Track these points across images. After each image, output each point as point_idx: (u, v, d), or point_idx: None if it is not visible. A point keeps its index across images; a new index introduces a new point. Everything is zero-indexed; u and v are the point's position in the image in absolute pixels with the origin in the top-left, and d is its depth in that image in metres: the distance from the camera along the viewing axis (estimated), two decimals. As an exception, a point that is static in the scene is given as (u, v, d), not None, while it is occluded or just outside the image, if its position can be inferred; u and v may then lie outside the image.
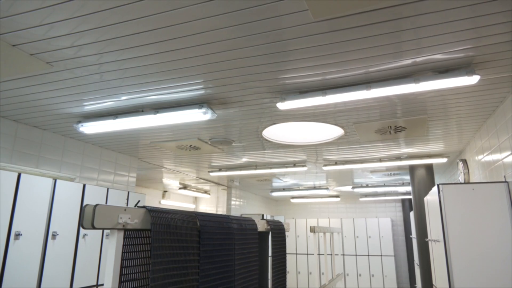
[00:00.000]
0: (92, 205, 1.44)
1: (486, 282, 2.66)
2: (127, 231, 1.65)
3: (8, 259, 2.63)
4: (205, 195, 8.49)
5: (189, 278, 1.92)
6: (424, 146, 4.28)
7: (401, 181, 7.08)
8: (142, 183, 7.35)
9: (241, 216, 2.76)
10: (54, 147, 3.69)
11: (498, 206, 2.74)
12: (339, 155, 4.78)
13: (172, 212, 1.90)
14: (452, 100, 2.80)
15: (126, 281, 1.63)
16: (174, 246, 1.83)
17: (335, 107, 2.96)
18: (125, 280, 1.62)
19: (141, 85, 2.54)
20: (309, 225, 9.94)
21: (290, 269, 9.89)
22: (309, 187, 8.03)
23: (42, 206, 2.95)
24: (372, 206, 10.00)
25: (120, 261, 1.56)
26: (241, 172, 5.75)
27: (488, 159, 3.30)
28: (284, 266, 3.49)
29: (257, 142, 4.11)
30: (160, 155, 4.79)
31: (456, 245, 2.79)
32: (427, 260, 4.53)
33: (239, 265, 2.52)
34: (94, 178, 4.18)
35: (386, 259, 8.92)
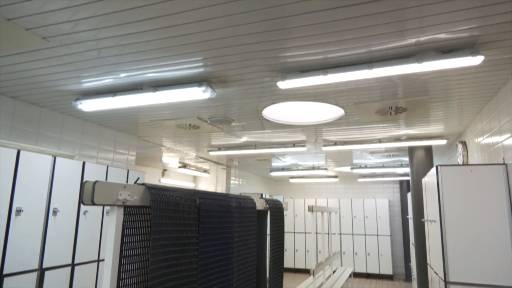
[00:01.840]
0: (91, 181, 1.44)
1: (480, 262, 2.71)
2: (126, 207, 1.67)
3: (10, 234, 2.67)
4: (204, 174, 8.54)
5: (189, 254, 1.95)
6: (424, 127, 4.27)
7: (400, 163, 7.11)
8: (141, 162, 7.37)
9: (240, 195, 2.78)
10: (53, 124, 3.68)
11: (496, 188, 2.75)
12: (339, 136, 4.78)
13: (171, 189, 1.91)
14: (455, 81, 2.77)
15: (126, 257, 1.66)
16: (174, 223, 1.85)
17: (336, 87, 2.93)
18: (125, 255, 1.65)
19: (139, 62, 2.51)
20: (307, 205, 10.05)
21: (287, 247, 10.07)
22: (308, 168, 8.07)
23: (42, 183, 2.96)
24: (370, 187, 10.09)
25: (120, 237, 1.58)
26: (240, 152, 5.76)
27: (488, 141, 3.30)
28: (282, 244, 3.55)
29: (257, 121, 4.09)
30: (159, 133, 4.78)
31: (452, 225, 2.83)
32: (422, 240, 4.61)
33: (238, 242, 2.56)
34: (93, 156, 4.18)
35: (382, 239, 9.08)
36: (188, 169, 7.82)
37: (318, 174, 9.18)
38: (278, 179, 10.90)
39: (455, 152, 5.04)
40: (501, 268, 2.64)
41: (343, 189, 10.40)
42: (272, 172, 8.56)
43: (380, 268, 8.94)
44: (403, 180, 9.42)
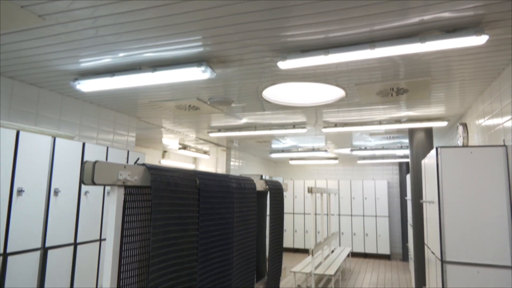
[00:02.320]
0: (91, 161, 1.44)
1: (477, 242, 2.75)
2: (127, 187, 1.67)
3: (13, 214, 2.69)
4: (204, 155, 8.56)
5: (189, 234, 1.97)
6: (425, 109, 4.25)
7: (400, 144, 7.12)
8: (141, 143, 7.38)
9: (240, 176, 2.79)
10: (52, 105, 3.65)
11: (495, 170, 2.76)
12: (339, 117, 4.76)
13: (171, 170, 1.91)
14: (457, 62, 2.74)
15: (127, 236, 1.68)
16: (174, 203, 1.86)
17: (337, 67, 2.90)
18: (126, 235, 1.67)
19: (138, 41, 2.47)
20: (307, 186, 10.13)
21: (287, 227, 10.21)
22: (308, 149, 8.08)
23: (43, 164, 2.97)
24: (370, 168, 10.13)
25: (121, 217, 1.60)
26: (240, 133, 5.76)
27: (489, 123, 3.29)
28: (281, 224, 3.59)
29: (257, 102, 4.07)
30: (159, 114, 4.76)
31: (450, 206, 2.85)
32: (420, 220, 4.66)
33: (238, 222, 2.59)
34: (93, 137, 4.18)
35: (381, 220, 9.19)
36: (188, 150, 7.83)
37: (317, 156, 9.21)
38: (278, 161, 10.94)
39: (455, 134, 5.03)
40: (497, 248, 2.68)
41: (342, 171, 10.45)
42: (272, 153, 8.58)
43: (378, 248, 9.09)
44: (402, 162, 9.46)
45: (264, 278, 3.29)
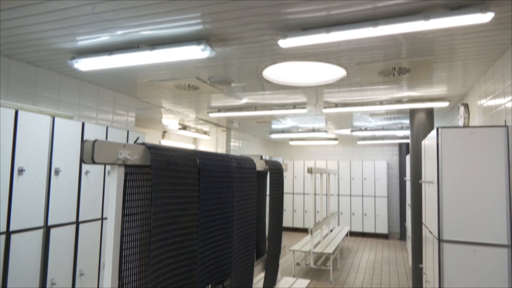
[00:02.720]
0: (91, 140, 1.44)
1: (474, 221, 2.78)
2: (127, 166, 1.68)
3: (14, 193, 2.71)
4: (204, 136, 8.55)
5: (189, 213, 1.99)
6: (427, 89, 4.21)
7: (400, 125, 7.10)
8: (141, 123, 7.36)
9: (240, 156, 2.79)
10: (50, 84, 3.62)
11: (495, 150, 2.76)
12: (340, 98, 4.73)
13: (171, 149, 1.91)
14: (461, 40, 2.69)
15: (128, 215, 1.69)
16: (174, 183, 1.87)
17: (338, 46, 2.85)
18: (127, 214, 1.68)
19: (135, 18, 2.42)
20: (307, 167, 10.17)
21: (286, 207, 10.32)
22: (308, 130, 8.07)
23: (43, 143, 2.97)
24: (369, 149, 10.15)
25: (122, 196, 1.61)
26: (240, 113, 5.73)
27: (491, 103, 3.26)
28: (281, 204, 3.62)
29: (257, 82, 4.03)
30: (158, 94, 4.72)
31: (449, 186, 2.87)
32: (419, 200, 4.70)
33: (238, 201, 2.61)
34: (92, 117, 4.16)
35: (379, 200, 9.28)
36: (188, 131, 7.82)
37: (318, 137, 9.20)
38: (278, 141, 10.95)
39: (456, 115, 5.01)
40: (494, 227, 2.71)
41: (342, 152, 10.47)
42: (272, 134, 8.57)
43: (376, 228, 9.22)
44: (402, 143, 9.46)
45: (263, 256, 3.35)
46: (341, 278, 5.63)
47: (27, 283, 2.80)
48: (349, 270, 6.12)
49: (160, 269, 1.73)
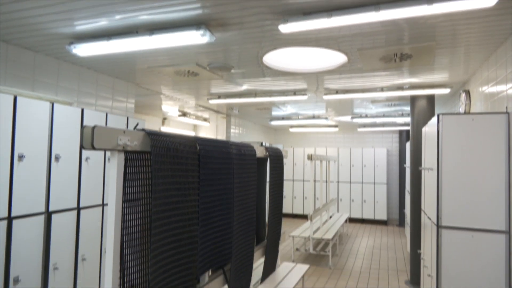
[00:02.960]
0: (90, 126, 1.43)
1: (473, 208, 2.79)
2: (127, 152, 1.67)
3: (15, 179, 2.72)
4: (204, 123, 8.53)
5: (190, 199, 2.00)
6: (428, 76, 4.18)
7: (401, 112, 7.08)
8: (141, 110, 7.33)
9: (240, 142, 2.79)
10: (49, 70, 3.59)
11: (496, 137, 2.76)
12: (340, 84, 4.70)
13: (171, 136, 1.90)
14: (464, 26, 2.65)
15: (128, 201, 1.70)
16: (174, 169, 1.87)
17: (340, 31, 2.82)
18: (128, 199, 1.69)
19: (134, 2, 2.38)
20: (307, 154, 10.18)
21: (286, 194, 10.37)
22: (308, 117, 8.05)
23: (42, 129, 2.96)
24: (369, 136, 10.14)
25: (122, 182, 1.61)
26: (240, 100, 5.71)
27: (492, 90, 3.24)
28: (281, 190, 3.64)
29: (257, 68, 4.00)
30: (158, 81, 4.69)
31: (449, 173, 2.87)
32: (418, 187, 4.72)
33: (238, 188, 2.62)
34: (92, 103, 4.14)
35: (379, 187, 9.32)
36: (188, 117, 7.80)
37: (318, 124, 9.19)
38: (278, 128, 10.93)
39: (457, 102, 4.99)
40: (493, 213, 2.73)
41: (342, 139, 10.47)
42: (272, 121, 8.55)
43: (375, 214, 9.29)
44: (402, 130, 9.45)
45: (263, 242, 3.38)
46: (340, 263, 5.70)
47: (29, 267, 2.84)
48: (348, 255, 6.19)
49: (161, 254, 1.75)
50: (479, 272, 2.74)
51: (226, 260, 2.45)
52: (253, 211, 2.88)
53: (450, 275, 2.82)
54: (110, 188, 1.58)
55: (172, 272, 1.84)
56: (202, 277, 2.28)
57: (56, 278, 3.07)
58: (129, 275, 1.69)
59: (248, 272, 2.86)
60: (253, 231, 2.90)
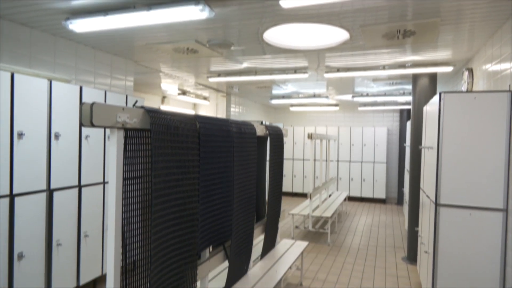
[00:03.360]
0: (89, 103, 1.42)
1: (472, 186, 2.81)
2: (127, 130, 1.67)
3: (15, 157, 2.72)
4: (204, 101, 8.48)
5: (190, 176, 2.01)
6: (431, 53, 4.12)
7: (402, 91, 7.02)
8: (140, 88, 7.27)
9: (240, 121, 2.78)
10: (45, 47, 3.53)
11: (497, 116, 2.74)
12: (342, 62, 4.63)
13: (171, 113, 1.89)
14: (469, 1, 2.58)
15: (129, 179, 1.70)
16: (174, 147, 1.87)
17: (342, 6, 2.75)
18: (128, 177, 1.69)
19: (131, -24, 2.31)
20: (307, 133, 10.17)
21: (286, 173, 10.44)
22: (309, 95, 7.99)
23: (41, 107, 2.94)
24: (370, 115, 10.10)
25: (122, 159, 1.61)
26: (240, 78, 5.64)
27: (496, 68, 3.20)
28: (281, 169, 3.65)
29: (257, 45, 3.93)
30: (156, 58, 4.62)
31: (449, 151, 2.87)
32: (417, 166, 4.74)
33: (238, 166, 2.62)
34: (90, 81, 4.10)
35: (378, 166, 9.36)
36: (188, 96, 7.74)
37: (318, 102, 9.13)
38: (278, 107, 10.88)
39: (459, 80, 4.93)
40: (491, 191, 2.75)
41: (342, 118, 10.43)
42: (272, 100, 8.50)
43: (374, 193, 9.38)
44: (403, 109, 9.40)
45: (263, 219, 3.43)
46: (339, 240, 5.80)
47: (33, 244, 2.88)
48: (346, 233, 6.29)
49: (162, 231, 1.77)
50: (475, 249, 2.79)
51: (226, 237, 2.48)
52: (253, 189, 2.90)
53: (447, 252, 2.87)
54: (110, 166, 1.58)
55: (173, 248, 1.87)
56: (203, 253, 2.32)
57: (60, 254, 3.13)
58: (131, 251, 1.71)
59: (248, 248, 2.91)
60: (253, 209, 2.93)
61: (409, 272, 4.42)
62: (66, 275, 3.21)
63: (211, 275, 3.03)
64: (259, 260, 3.38)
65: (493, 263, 2.73)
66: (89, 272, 3.48)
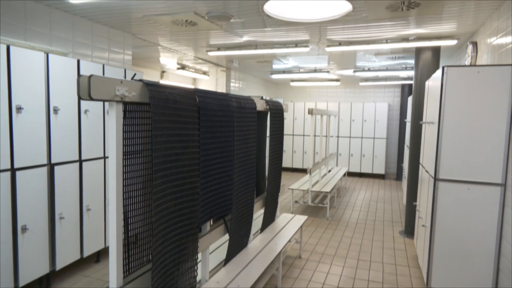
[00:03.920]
0: (86, 75, 1.39)
1: (471, 161, 2.81)
2: (126, 104, 1.65)
3: (15, 131, 2.71)
4: (204, 76, 8.38)
5: (190, 151, 2.01)
6: (435, 26, 4.02)
7: (404, 65, 6.92)
8: (139, 63, 7.16)
9: (240, 95, 2.75)
10: (41, 18, 3.44)
11: (500, 90, 2.71)
12: (344, 35, 4.53)
13: (170, 87, 1.86)
14: (478, -30, 2.50)
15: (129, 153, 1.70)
16: (174, 121, 1.85)
17: (346, -24, 2.65)
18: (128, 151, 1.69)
19: None
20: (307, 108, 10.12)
21: (286, 148, 10.46)
22: (310, 70, 7.88)
23: (38, 81, 2.90)
24: (371, 91, 10.01)
25: (121, 133, 1.60)
26: (240, 52, 5.55)
27: (501, 41, 3.13)
28: (281, 143, 3.65)
29: (258, 18, 3.83)
30: (155, 31, 4.52)
31: (450, 127, 2.86)
32: (417, 141, 4.74)
33: (238, 140, 2.62)
34: (88, 54, 4.03)
35: (378, 141, 9.37)
36: (187, 71, 7.64)
37: (319, 77, 9.02)
38: (279, 82, 10.76)
39: (463, 55, 4.85)
40: (490, 166, 2.76)
41: (343, 93, 10.35)
42: (272, 74, 8.39)
43: (374, 168, 9.43)
44: (405, 84, 9.31)
45: (263, 194, 3.46)
46: (337, 214, 5.89)
47: (36, 217, 2.92)
48: (345, 207, 6.38)
49: (163, 204, 1.79)
50: (472, 223, 2.83)
51: (227, 211, 2.51)
52: (253, 163, 2.91)
53: (444, 226, 2.92)
54: (110, 140, 1.57)
55: (174, 221, 1.89)
56: (203, 226, 2.36)
57: (63, 227, 3.18)
58: (133, 224, 1.74)
59: (248, 222, 2.95)
60: (253, 183, 2.95)
61: (406, 245, 4.51)
62: (70, 248, 3.27)
63: (212, 247, 3.09)
64: (259, 233, 3.44)
65: (489, 237, 2.78)
66: (92, 244, 3.55)
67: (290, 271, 3.66)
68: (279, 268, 3.29)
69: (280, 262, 3.30)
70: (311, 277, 3.52)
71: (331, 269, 3.73)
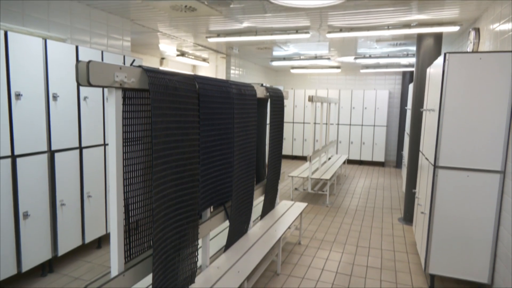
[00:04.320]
0: (85, 61, 1.38)
1: (471, 148, 2.81)
2: (125, 90, 1.64)
3: (14, 118, 2.70)
4: (203, 63, 8.31)
5: (190, 138, 2.00)
6: (438, 11, 3.97)
7: (406, 52, 6.85)
8: (138, 49, 7.09)
9: (240, 82, 2.73)
10: (38, 4, 3.39)
11: (501, 77, 2.69)
12: (345, 21, 4.48)
13: (169, 73, 1.85)
14: (482, -46, 2.45)
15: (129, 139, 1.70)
16: (174, 107, 1.84)
17: (348, -40, 2.61)
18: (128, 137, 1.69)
19: None
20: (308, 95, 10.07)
21: (286, 136, 10.46)
22: (310, 57, 7.82)
23: (37, 67, 2.88)
24: (372, 78, 9.95)
25: (121, 120, 1.59)
26: (240, 38, 5.49)
27: (504, 27, 3.09)
28: (281, 130, 3.65)
29: (258, 3, 3.78)
30: (153, 17, 4.47)
31: (451, 114, 2.85)
32: (417, 129, 4.73)
33: (238, 127, 2.61)
34: (86, 40, 3.99)
35: (379, 129, 9.36)
36: (187, 57, 7.58)
37: (320, 64, 8.95)
38: (279, 69, 10.69)
39: (465, 42, 4.80)
40: (490, 154, 2.76)
41: (344, 80, 10.28)
42: (273, 61, 8.32)
43: (373, 156, 9.45)
44: (406, 71, 9.24)
45: (263, 181, 3.47)
46: (337, 201, 5.92)
47: (37, 203, 2.94)
48: (345, 194, 6.41)
49: (163, 191, 1.80)
50: (471, 210, 2.84)
51: (227, 198, 2.53)
52: (253, 150, 2.91)
53: (443, 213, 2.94)
54: (109, 126, 1.57)
55: (174, 208, 1.90)
56: (204, 213, 2.37)
57: (64, 214, 3.20)
58: (133, 210, 1.75)
59: (248, 209, 2.97)
60: (253, 170, 2.96)
61: (405, 232, 4.55)
62: (71, 234, 3.30)
63: (212, 234, 3.12)
64: (259, 220, 3.46)
65: (487, 224, 2.80)
66: (94, 230, 3.58)
67: (290, 257, 3.70)
68: (278, 254, 3.33)
69: (279, 248, 3.33)
70: (310, 263, 3.57)
71: (330, 255, 3.77)
